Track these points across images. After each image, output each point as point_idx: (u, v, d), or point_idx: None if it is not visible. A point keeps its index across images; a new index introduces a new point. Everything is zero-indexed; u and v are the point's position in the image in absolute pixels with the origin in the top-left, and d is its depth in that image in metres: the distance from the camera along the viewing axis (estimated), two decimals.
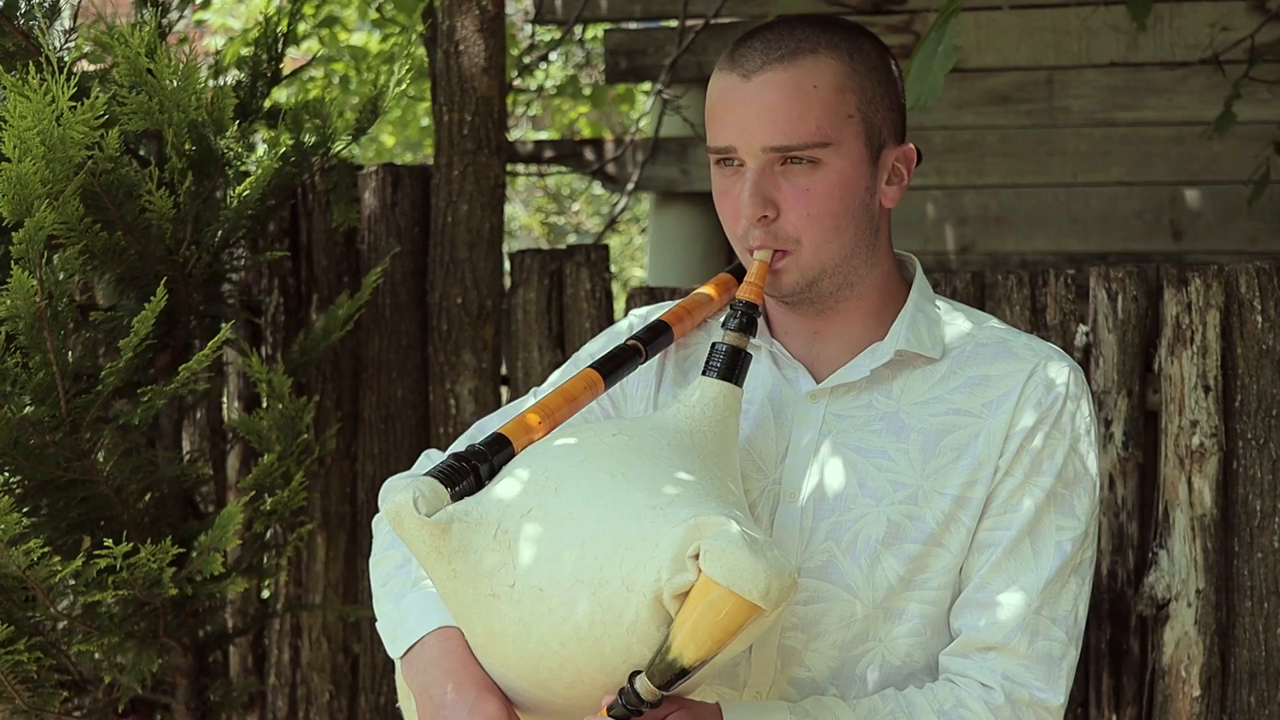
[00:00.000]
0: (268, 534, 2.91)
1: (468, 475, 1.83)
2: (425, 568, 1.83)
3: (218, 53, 3.47)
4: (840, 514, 1.92)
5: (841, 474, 1.93)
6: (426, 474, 1.83)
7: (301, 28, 4.95)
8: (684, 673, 1.70)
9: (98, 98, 2.50)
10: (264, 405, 2.93)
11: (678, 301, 2.10)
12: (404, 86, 2.96)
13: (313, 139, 2.97)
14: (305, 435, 2.86)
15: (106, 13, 3.03)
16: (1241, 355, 2.91)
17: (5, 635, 2.54)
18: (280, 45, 3.14)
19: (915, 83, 2.71)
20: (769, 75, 1.89)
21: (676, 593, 1.70)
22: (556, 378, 2.14)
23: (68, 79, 2.56)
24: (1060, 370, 1.95)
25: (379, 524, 2.08)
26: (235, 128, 2.82)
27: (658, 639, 1.71)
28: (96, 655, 2.70)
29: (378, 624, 2.01)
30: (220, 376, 3.22)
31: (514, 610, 1.76)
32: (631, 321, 2.15)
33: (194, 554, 2.72)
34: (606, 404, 2.09)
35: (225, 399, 3.31)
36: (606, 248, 3.36)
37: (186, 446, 3.11)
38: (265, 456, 2.76)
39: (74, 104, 2.48)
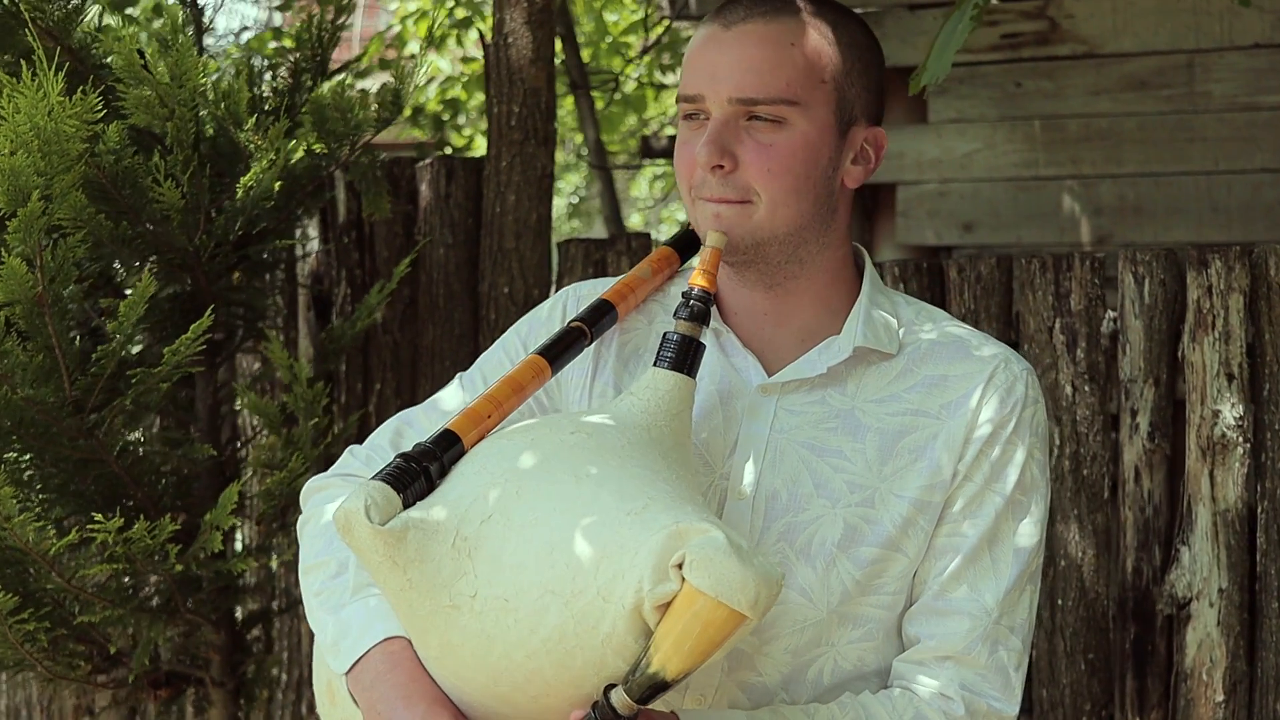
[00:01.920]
0: (261, 513, 2.99)
1: (418, 477, 1.75)
2: (376, 579, 1.76)
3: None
4: (794, 515, 1.87)
5: (795, 473, 1.87)
6: (375, 478, 1.74)
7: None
8: (665, 686, 1.63)
9: (88, 93, 2.61)
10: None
11: (617, 279, 2.03)
12: (424, 82, 3.00)
13: (339, 130, 3.04)
14: (319, 419, 2.93)
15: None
16: (1270, 342, 2.76)
17: (12, 605, 2.67)
18: (327, 42, 3.22)
19: (934, 60, 2.65)
20: (749, 27, 1.86)
21: (658, 603, 1.62)
22: (483, 362, 2.07)
23: (88, 81, 2.69)
24: (1019, 373, 1.89)
25: (304, 529, 2.00)
26: (253, 121, 2.91)
27: (635, 651, 1.64)
28: (97, 623, 2.81)
29: (317, 638, 1.94)
30: (267, 363, 3.32)
31: (475, 622, 1.69)
32: (565, 303, 2.05)
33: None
34: (540, 394, 2.00)
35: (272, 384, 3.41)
36: (648, 236, 3.37)
37: (228, 433, 3.22)
38: (268, 436, 2.84)
39: (63, 99, 2.59)
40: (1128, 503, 2.89)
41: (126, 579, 2.86)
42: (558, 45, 5.49)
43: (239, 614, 3.14)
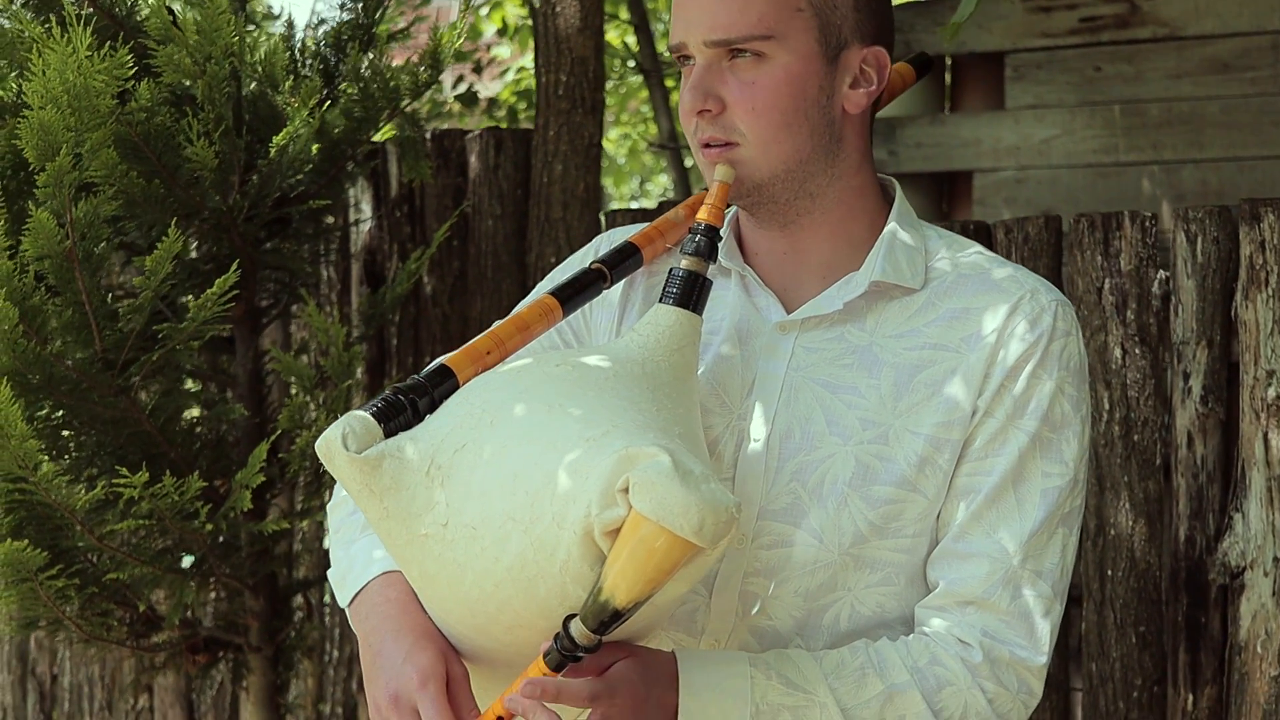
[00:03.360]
0: (292, 473, 2.97)
1: (404, 410, 1.73)
2: (360, 507, 1.76)
3: (405, 30, 3.57)
4: (807, 454, 1.81)
5: (809, 411, 1.82)
6: (361, 409, 1.75)
7: None
8: (617, 615, 1.59)
9: (118, 49, 2.61)
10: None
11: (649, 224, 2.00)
12: (459, 43, 2.99)
13: (378, 96, 3.03)
14: (349, 382, 2.91)
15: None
16: None
17: (42, 561, 2.67)
18: (374, 10, 3.21)
19: (963, 8, 2.59)
20: None
21: (607, 529, 1.59)
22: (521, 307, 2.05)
23: (119, 38, 2.70)
24: (1047, 304, 1.81)
25: None
26: (289, 83, 2.91)
27: (591, 579, 1.61)
28: (127, 581, 2.81)
29: (329, 572, 1.95)
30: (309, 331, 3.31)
31: (448, 551, 1.67)
32: (599, 247, 2.01)
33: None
34: (569, 335, 1.98)
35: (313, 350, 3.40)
36: None
37: (275, 402, 3.21)
38: (295, 395, 2.83)
39: (92, 54, 2.60)
40: (1180, 469, 2.78)
41: (158, 538, 2.85)
42: (631, 38, 5.48)
43: (278, 580, 3.12)
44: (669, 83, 4.98)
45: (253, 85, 2.96)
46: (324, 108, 2.92)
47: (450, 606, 1.72)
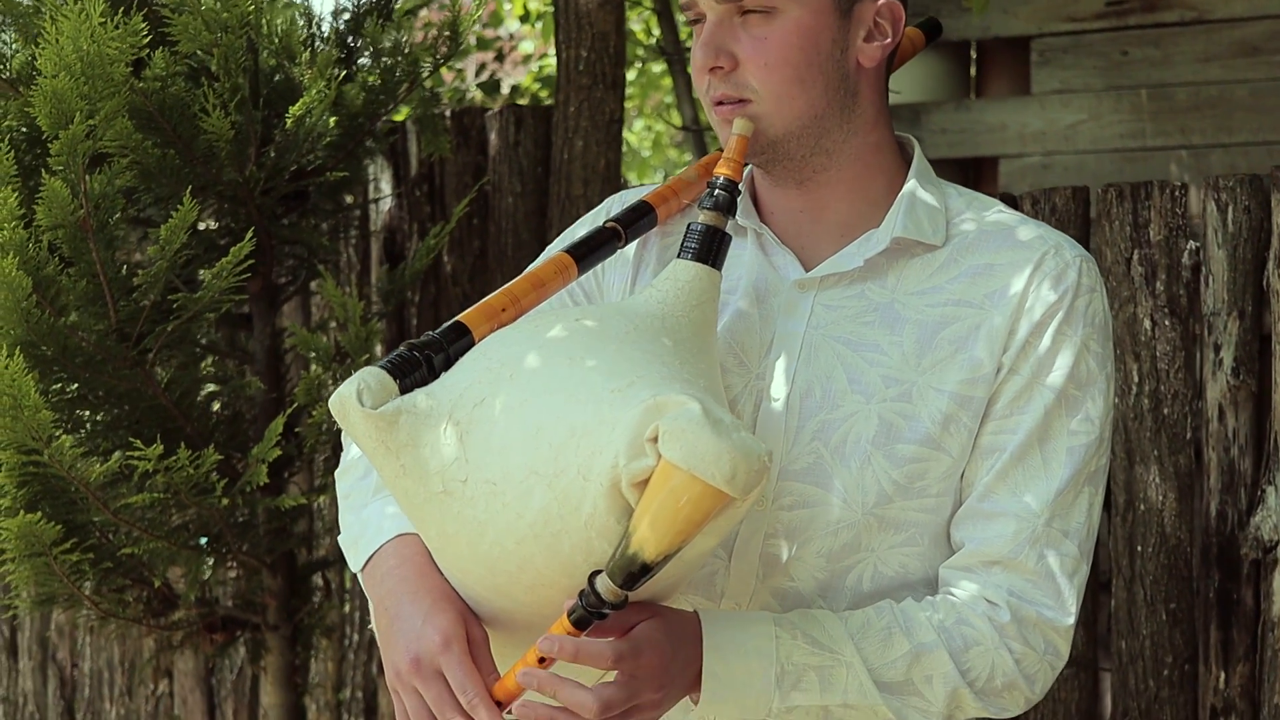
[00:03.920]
0: (309, 448, 2.94)
1: (419, 366, 1.69)
2: (375, 466, 1.72)
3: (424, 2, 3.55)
4: (828, 412, 1.77)
5: (830, 369, 1.78)
6: (375, 365, 1.70)
7: None
8: (646, 569, 1.54)
9: (132, 17, 2.58)
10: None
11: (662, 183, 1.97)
12: (478, 13, 2.95)
13: (397, 69, 3.00)
14: (366, 358, 2.88)
15: None
16: None
17: (56, 535, 2.64)
18: None
19: None
20: None
21: (634, 480, 1.54)
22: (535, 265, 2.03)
23: (133, 5, 2.67)
24: (1071, 259, 1.78)
25: (346, 436, 1.95)
26: (306, 55, 2.88)
27: (618, 533, 1.56)
28: (141, 555, 2.78)
29: (340, 537, 1.91)
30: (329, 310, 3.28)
31: (467, 508, 1.62)
32: (610, 208, 1.98)
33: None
34: (580, 295, 1.95)
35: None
36: None
37: (294, 379, 3.18)
38: (312, 369, 2.79)
39: (106, 21, 2.57)
40: (1211, 443, 2.73)
41: (174, 514, 2.82)
42: (652, 20, 5.44)
43: (297, 559, 3.09)
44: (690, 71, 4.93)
45: (270, 58, 2.93)
46: (341, 78, 2.88)
47: (469, 566, 1.68)
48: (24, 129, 2.82)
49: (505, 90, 5.26)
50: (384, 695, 3.59)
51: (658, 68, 5.65)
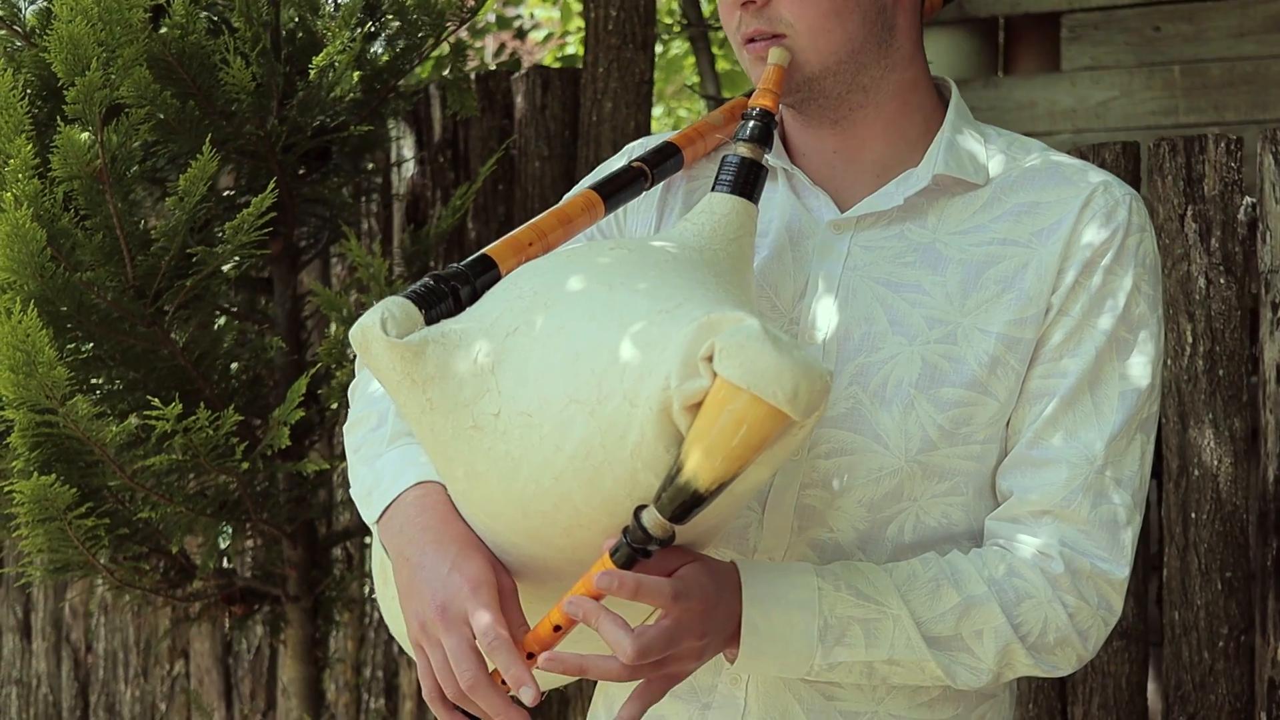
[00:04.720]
0: (331, 412, 2.84)
1: (445, 298, 1.59)
2: (397, 402, 1.61)
3: None
4: (868, 355, 1.68)
5: (869, 311, 1.70)
6: (399, 295, 1.61)
7: None
8: (699, 499, 1.43)
9: None
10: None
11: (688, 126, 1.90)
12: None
13: (421, 26, 2.91)
14: None
15: None
16: None
17: (71, 499, 2.55)
18: None
19: None
20: None
21: (688, 403, 1.42)
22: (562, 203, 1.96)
23: None
24: (1121, 197, 1.69)
25: (354, 392, 1.88)
26: (329, 7, 2.79)
27: (666, 462, 1.44)
28: (157, 520, 2.68)
29: (351, 490, 1.80)
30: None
31: (500, 443, 1.51)
32: (632, 153, 1.90)
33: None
34: (601, 239, 1.85)
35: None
36: None
37: (319, 341, 3.09)
38: (333, 329, 2.70)
39: None
40: (1269, 405, 2.63)
41: (192, 479, 2.73)
42: None
43: (319, 530, 2.99)
44: (715, 50, 4.85)
45: (292, 13, 2.84)
46: (365, 28, 2.79)
47: (500, 509, 1.56)
48: (34, 81, 2.72)
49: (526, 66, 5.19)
50: (405, 675, 3.49)
51: (679, 47, 5.56)
